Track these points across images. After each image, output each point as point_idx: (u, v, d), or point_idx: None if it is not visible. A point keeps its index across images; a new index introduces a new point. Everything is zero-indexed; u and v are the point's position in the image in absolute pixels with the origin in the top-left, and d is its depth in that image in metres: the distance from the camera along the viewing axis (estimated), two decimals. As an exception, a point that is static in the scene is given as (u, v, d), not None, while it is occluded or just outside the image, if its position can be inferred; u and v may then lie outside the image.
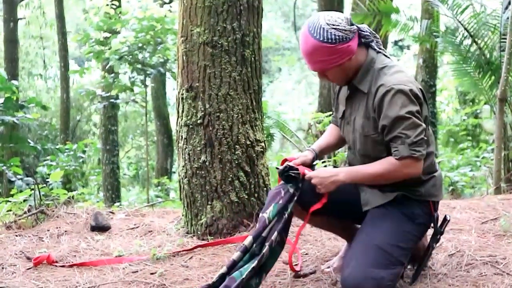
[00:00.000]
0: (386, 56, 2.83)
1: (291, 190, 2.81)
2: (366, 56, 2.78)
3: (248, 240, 2.75)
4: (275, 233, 2.73)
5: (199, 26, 3.80)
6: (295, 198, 2.80)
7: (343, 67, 2.73)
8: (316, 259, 3.34)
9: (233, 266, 2.71)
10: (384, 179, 2.72)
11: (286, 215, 2.78)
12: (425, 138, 2.63)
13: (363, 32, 2.77)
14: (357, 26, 2.75)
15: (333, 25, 2.64)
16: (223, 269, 2.73)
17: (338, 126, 3.08)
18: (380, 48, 2.83)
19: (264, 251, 2.69)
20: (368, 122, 2.74)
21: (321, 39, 2.64)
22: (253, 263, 2.66)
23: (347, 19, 2.71)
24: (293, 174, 2.80)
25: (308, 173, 2.80)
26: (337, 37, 2.64)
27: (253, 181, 3.87)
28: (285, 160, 2.93)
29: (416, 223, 2.76)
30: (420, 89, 2.69)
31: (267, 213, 2.78)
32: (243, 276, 2.63)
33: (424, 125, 2.63)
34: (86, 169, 14.95)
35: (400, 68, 2.75)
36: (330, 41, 2.63)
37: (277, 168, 2.89)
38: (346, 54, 2.69)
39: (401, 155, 2.60)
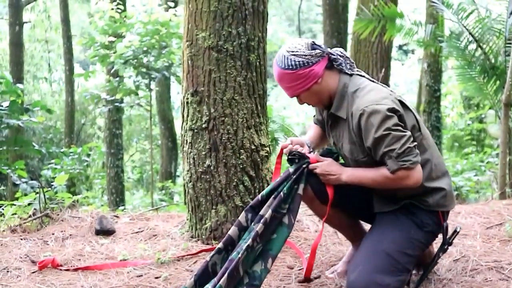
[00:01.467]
0: (360, 75, 2.85)
1: (290, 170, 2.83)
2: (338, 81, 2.80)
3: (242, 216, 2.81)
4: (270, 211, 2.73)
5: (204, 31, 3.81)
6: (304, 180, 2.82)
7: (313, 91, 2.79)
8: (321, 264, 3.34)
9: (228, 240, 2.74)
10: (384, 187, 2.76)
11: (294, 198, 2.79)
12: (411, 145, 2.62)
13: (332, 56, 2.80)
14: (325, 50, 2.78)
15: (293, 51, 2.74)
16: (220, 245, 2.76)
17: (318, 125, 3.17)
18: (353, 70, 2.84)
19: (268, 238, 2.70)
20: (355, 147, 2.76)
21: (283, 66, 2.76)
22: (248, 241, 2.66)
23: (310, 44, 2.77)
24: (297, 160, 2.86)
25: (314, 165, 2.84)
26: (296, 63, 2.72)
27: (258, 186, 3.87)
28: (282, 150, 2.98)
29: (425, 231, 2.76)
30: (398, 100, 2.69)
31: (262, 192, 2.84)
32: (239, 256, 2.63)
33: (408, 133, 2.62)
34: (90, 172, 14.98)
35: (373, 87, 2.76)
36: (290, 67, 2.74)
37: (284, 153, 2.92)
38: (311, 79, 2.75)
39: (392, 169, 2.62)
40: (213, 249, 2.77)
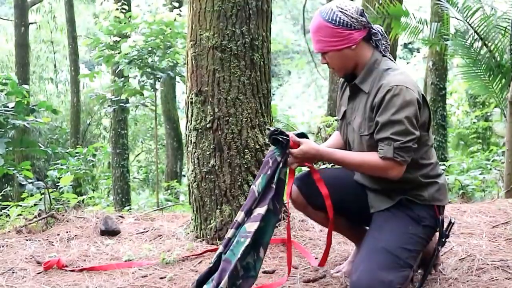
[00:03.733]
0: (391, 60, 2.84)
1: (278, 159, 2.78)
2: (371, 56, 2.79)
3: (240, 216, 2.76)
4: (262, 206, 2.72)
5: (208, 30, 3.81)
6: (281, 165, 2.77)
7: (342, 55, 2.76)
8: (326, 264, 3.33)
9: (228, 244, 2.71)
10: (364, 171, 2.80)
11: (274, 184, 2.76)
12: (414, 146, 2.64)
13: (373, 30, 2.79)
14: (370, 23, 2.77)
15: (342, 9, 2.71)
16: (220, 249, 2.73)
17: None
18: (386, 52, 2.84)
19: (256, 227, 2.68)
20: (364, 122, 2.75)
21: (327, 18, 2.72)
22: (246, 242, 2.64)
23: (359, 10, 2.75)
24: (280, 139, 2.75)
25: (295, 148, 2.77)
26: (341, 20, 2.70)
27: (263, 185, 3.86)
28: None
29: (422, 225, 2.76)
30: (422, 94, 2.70)
31: (256, 186, 2.78)
32: (238, 256, 2.62)
33: (417, 133, 2.63)
34: (96, 172, 14.99)
35: (405, 72, 2.76)
36: (333, 22, 2.70)
37: (268, 129, 2.88)
38: (346, 41, 2.73)
39: (385, 155, 2.63)
40: (217, 250, 2.77)
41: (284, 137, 2.75)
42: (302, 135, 2.85)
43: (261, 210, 2.72)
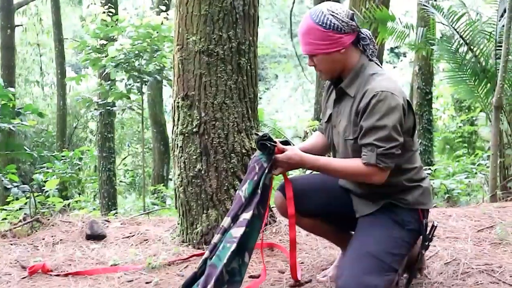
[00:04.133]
0: (378, 65, 2.85)
1: (265, 165, 2.78)
2: (358, 60, 2.80)
3: (226, 222, 2.75)
4: (248, 211, 2.72)
5: (195, 35, 3.81)
6: (266, 171, 2.78)
7: (331, 58, 2.76)
8: (312, 268, 3.33)
9: (214, 249, 2.70)
10: (347, 177, 2.80)
11: (259, 189, 2.77)
12: (397, 152, 2.64)
13: (362, 35, 2.80)
14: (359, 27, 2.78)
15: (333, 12, 2.71)
16: (206, 254, 2.73)
17: (323, 133, 3.10)
18: (373, 57, 2.85)
19: (242, 232, 2.68)
20: (349, 126, 2.76)
21: (317, 21, 2.71)
22: (232, 247, 2.64)
23: (349, 14, 2.76)
24: (268, 144, 2.75)
25: (280, 154, 2.77)
26: (332, 23, 2.70)
27: (249, 190, 3.86)
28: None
29: (406, 229, 2.76)
30: (407, 100, 2.70)
31: (242, 191, 2.78)
32: (224, 261, 2.61)
33: (400, 140, 2.63)
34: (82, 176, 14.92)
35: (391, 77, 2.76)
36: (324, 25, 2.70)
37: (256, 134, 2.87)
38: (336, 45, 2.73)
39: (368, 161, 2.63)
40: (203, 254, 2.76)
41: (272, 143, 2.75)
42: (286, 143, 2.85)
43: (246, 215, 2.72)
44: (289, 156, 2.76)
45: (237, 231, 2.68)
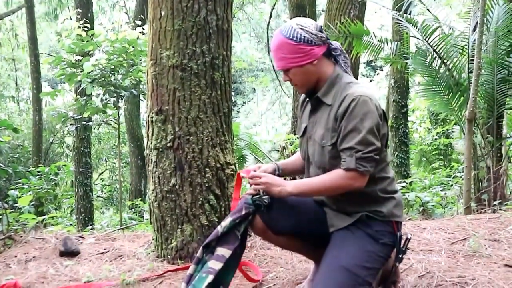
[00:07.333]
0: (352, 77, 2.90)
1: (250, 211, 2.82)
2: (332, 71, 2.85)
3: (199, 252, 2.77)
4: (227, 248, 2.74)
5: (169, 49, 3.81)
6: (250, 218, 2.83)
7: (305, 70, 2.81)
8: (287, 283, 3.33)
9: (190, 280, 2.71)
10: (331, 190, 2.78)
11: (239, 234, 2.79)
12: (376, 157, 2.68)
13: (332, 46, 2.85)
14: (328, 39, 2.84)
15: (302, 26, 2.78)
16: (182, 286, 2.73)
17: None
18: (346, 68, 2.89)
19: (220, 267, 2.68)
20: (327, 133, 2.79)
21: (287, 35, 2.78)
22: (208, 278, 2.64)
23: (318, 26, 2.82)
24: (265, 200, 2.80)
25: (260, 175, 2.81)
26: (302, 37, 2.76)
27: (224, 204, 3.86)
28: (239, 175, 2.98)
29: (380, 243, 2.78)
30: (382, 109, 2.76)
31: (221, 227, 2.79)
32: None
33: (377, 144, 2.68)
34: (59, 191, 14.77)
35: (368, 87, 2.82)
36: (294, 39, 2.76)
37: (251, 197, 2.86)
38: (308, 57, 2.78)
39: (347, 166, 2.66)
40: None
41: (265, 200, 2.79)
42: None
43: (226, 253, 2.74)
44: (271, 175, 2.81)
45: (215, 264, 2.70)
